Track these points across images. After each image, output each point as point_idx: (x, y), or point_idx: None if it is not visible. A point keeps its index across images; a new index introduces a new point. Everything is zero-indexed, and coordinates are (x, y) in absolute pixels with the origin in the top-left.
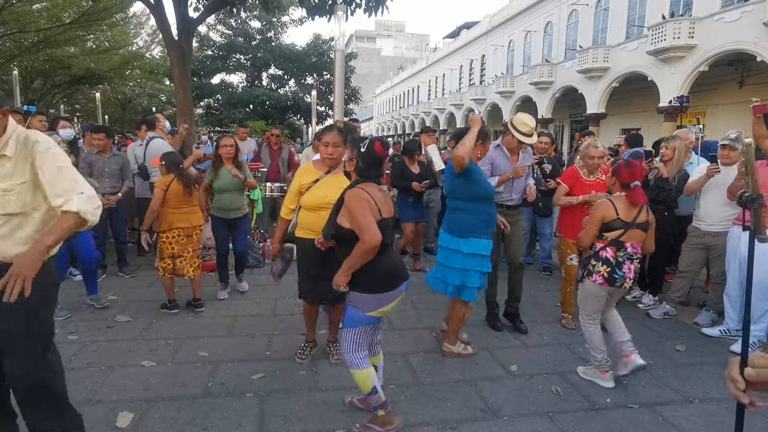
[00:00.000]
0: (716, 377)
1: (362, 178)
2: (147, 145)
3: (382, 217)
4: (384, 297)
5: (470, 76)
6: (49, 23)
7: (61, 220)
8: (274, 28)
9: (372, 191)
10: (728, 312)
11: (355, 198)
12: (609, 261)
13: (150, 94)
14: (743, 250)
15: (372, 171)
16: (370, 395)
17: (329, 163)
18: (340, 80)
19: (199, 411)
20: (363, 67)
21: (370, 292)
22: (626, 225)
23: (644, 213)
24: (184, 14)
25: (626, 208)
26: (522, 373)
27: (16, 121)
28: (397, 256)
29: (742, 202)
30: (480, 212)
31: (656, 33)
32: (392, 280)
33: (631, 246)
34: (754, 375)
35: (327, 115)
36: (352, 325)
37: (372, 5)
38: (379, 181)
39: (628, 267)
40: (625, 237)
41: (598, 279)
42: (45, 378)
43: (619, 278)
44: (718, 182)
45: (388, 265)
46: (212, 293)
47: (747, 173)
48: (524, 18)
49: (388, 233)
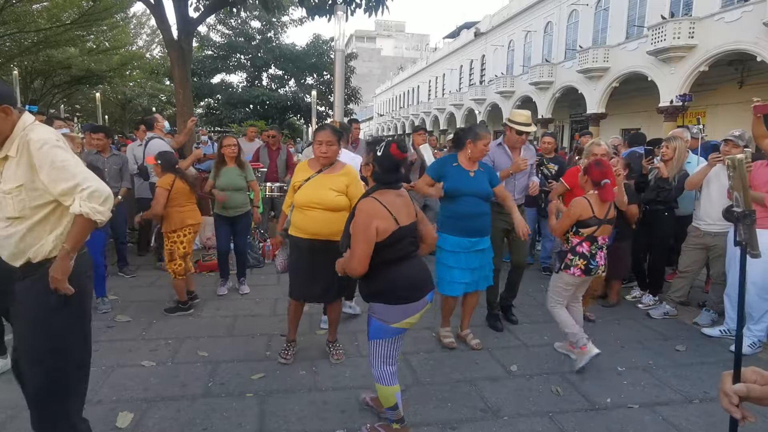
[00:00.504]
0: (716, 377)
1: (380, 183)
2: (146, 146)
3: (399, 226)
4: (407, 308)
5: (470, 76)
6: (48, 23)
7: (74, 223)
8: (274, 28)
9: (388, 200)
10: (729, 312)
11: (360, 216)
12: (585, 255)
13: (150, 94)
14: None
15: (389, 176)
16: (390, 410)
17: (323, 162)
18: (340, 80)
19: (199, 411)
20: (363, 67)
21: (392, 303)
22: (599, 222)
23: (612, 209)
24: (184, 14)
25: (599, 205)
26: (522, 373)
27: (39, 120)
28: (422, 264)
29: (734, 218)
30: (446, 209)
31: (656, 33)
32: (412, 291)
33: (601, 238)
34: (744, 391)
35: (327, 115)
36: (376, 337)
37: (372, 5)
38: (397, 186)
39: (600, 256)
40: (598, 232)
41: (576, 272)
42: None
43: (594, 268)
44: (719, 182)
45: (408, 277)
46: (213, 293)
47: (735, 188)
48: (524, 18)
49: (406, 242)
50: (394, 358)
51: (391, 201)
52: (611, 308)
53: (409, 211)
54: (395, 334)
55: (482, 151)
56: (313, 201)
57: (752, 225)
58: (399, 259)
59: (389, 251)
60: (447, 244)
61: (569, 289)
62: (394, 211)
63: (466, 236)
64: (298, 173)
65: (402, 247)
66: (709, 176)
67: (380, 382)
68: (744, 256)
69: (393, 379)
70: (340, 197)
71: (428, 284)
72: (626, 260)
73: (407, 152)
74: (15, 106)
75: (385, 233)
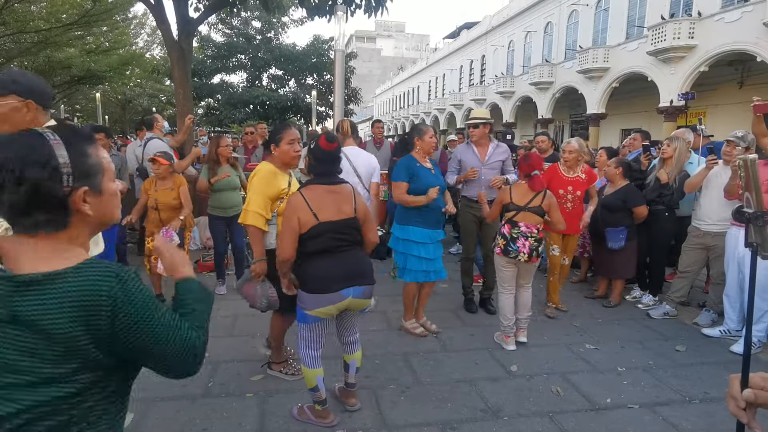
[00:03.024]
0: (716, 377)
1: (316, 176)
2: (145, 146)
3: (318, 222)
4: (320, 298)
5: (470, 76)
6: (48, 24)
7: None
8: (274, 28)
9: (313, 195)
10: (728, 312)
11: (286, 208)
12: (505, 236)
13: (150, 94)
14: (741, 251)
15: (321, 167)
16: (311, 391)
17: (294, 163)
18: (340, 80)
19: (199, 411)
20: (363, 68)
21: (306, 292)
22: (518, 208)
23: (538, 198)
24: (185, 14)
25: (522, 194)
26: (522, 373)
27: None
28: (352, 260)
29: (745, 219)
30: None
31: (656, 33)
32: (325, 283)
33: (524, 225)
34: (752, 398)
35: (327, 115)
36: (300, 321)
37: (372, 6)
38: (331, 180)
39: (522, 243)
40: (519, 217)
41: (497, 250)
42: None
43: (513, 251)
44: (718, 182)
45: (324, 269)
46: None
47: (747, 189)
48: (524, 18)
49: (327, 237)
50: (316, 342)
51: (316, 196)
52: (611, 308)
53: (340, 207)
54: (313, 321)
55: (430, 144)
56: None
57: (764, 226)
58: (320, 251)
59: (310, 244)
60: (416, 236)
61: (505, 272)
62: (316, 207)
63: (431, 227)
64: (275, 180)
65: (323, 241)
66: (709, 177)
67: (304, 363)
68: (755, 257)
69: (315, 362)
70: None
71: (350, 280)
72: (633, 261)
73: (335, 142)
74: (44, 105)
75: (305, 226)
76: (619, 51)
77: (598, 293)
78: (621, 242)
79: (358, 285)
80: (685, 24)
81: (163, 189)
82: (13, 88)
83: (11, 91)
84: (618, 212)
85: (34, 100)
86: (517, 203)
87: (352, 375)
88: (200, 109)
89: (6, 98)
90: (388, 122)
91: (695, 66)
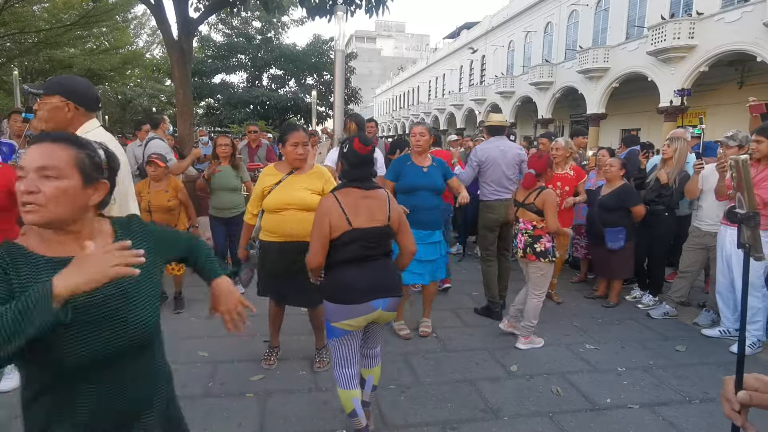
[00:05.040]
0: (716, 378)
1: (348, 181)
2: (146, 145)
3: (351, 228)
4: (347, 309)
5: (470, 76)
6: (48, 24)
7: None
8: (275, 28)
9: (347, 199)
10: (723, 311)
11: (317, 210)
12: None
13: (150, 94)
14: (728, 249)
15: (355, 172)
16: (349, 417)
17: (298, 164)
18: (340, 80)
19: (199, 411)
20: (363, 68)
21: (332, 302)
22: (518, 204)
23: (533, 196)
24: (185, 14)
25: (521, 191)
26: (522, 373)
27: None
28: (380, 270)
29: (737, 219)
30: (401, 203)
31: (656, 33)
32: (351, 293)
33: (522, 222)
34: (747, 399)
35: (327, 116)
36: (330, 336)
37: (372, 5)
38: (365, 184)
39: (519, 239)
40: (519, 213)
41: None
42: None
43: (513, 247)
44: (709, 184)
45: (352, 279)
46: None
47: (738, 189)
48: (524, 18)
49: (358, 245)
50: (347, 360)
51: (350, 201)
52: (612, 308)
53: (373, 215)
54: (341, 335)
55: (417, 140)
56: (286, 202)
57: (756, 227)
58: (349, 260)
59: (341, 251)
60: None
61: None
62: (350, 212)
63: (420, 228)
64: (265, 178)
65: (354, 249)
66: (708, 177)
67: (338, 385)
68: (747, 259)
69: (347, 382)
70: (315, 196)
71: (379, 291)
72: (630, 261)
73: (370, 145)
74: (88, 108)
75: (336, 231)
76: (619, 51)
77: (598, 293)
78: (620, 242)
79: (387, 296)
80: (685, 24)
81: (156, 191)
82: (58, 90)
83: (55, 92)
84: (615, 212)
85: (74, 102)
86: (518, 200)
87: (368, 393)
88: (200, 109)
89: (51, 98)
90: (388, 122)
91: (695, 66)
